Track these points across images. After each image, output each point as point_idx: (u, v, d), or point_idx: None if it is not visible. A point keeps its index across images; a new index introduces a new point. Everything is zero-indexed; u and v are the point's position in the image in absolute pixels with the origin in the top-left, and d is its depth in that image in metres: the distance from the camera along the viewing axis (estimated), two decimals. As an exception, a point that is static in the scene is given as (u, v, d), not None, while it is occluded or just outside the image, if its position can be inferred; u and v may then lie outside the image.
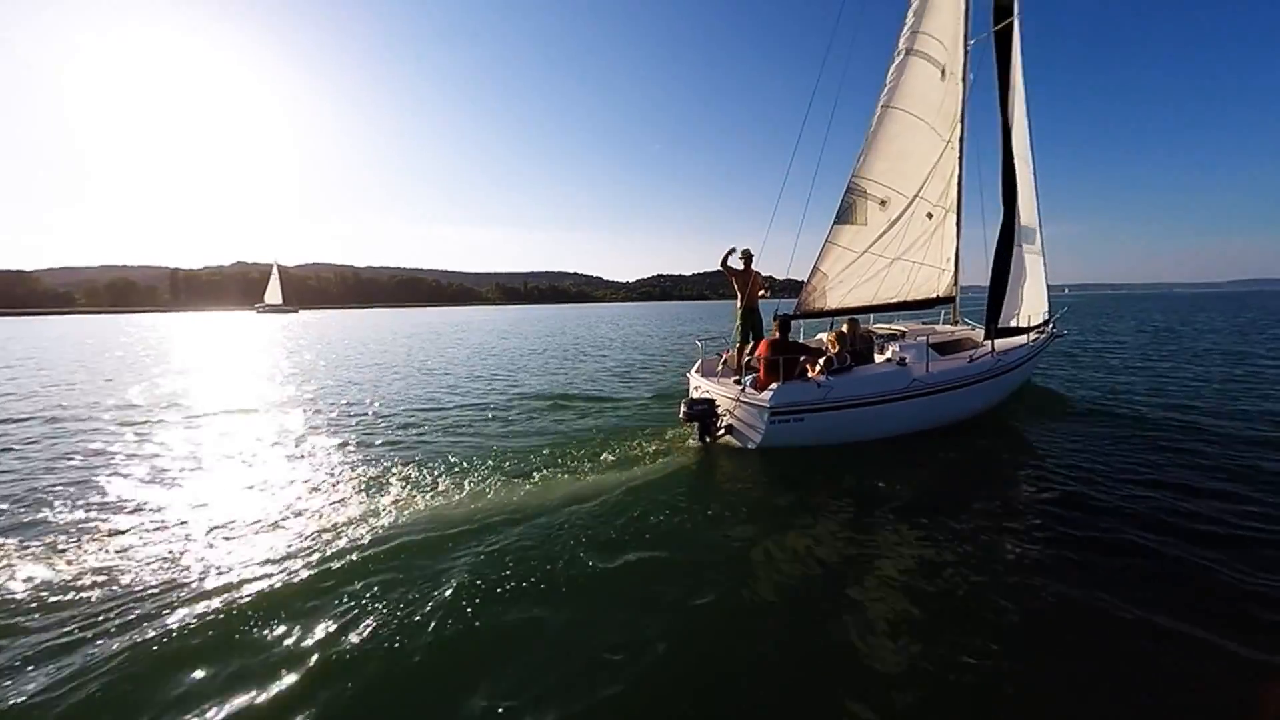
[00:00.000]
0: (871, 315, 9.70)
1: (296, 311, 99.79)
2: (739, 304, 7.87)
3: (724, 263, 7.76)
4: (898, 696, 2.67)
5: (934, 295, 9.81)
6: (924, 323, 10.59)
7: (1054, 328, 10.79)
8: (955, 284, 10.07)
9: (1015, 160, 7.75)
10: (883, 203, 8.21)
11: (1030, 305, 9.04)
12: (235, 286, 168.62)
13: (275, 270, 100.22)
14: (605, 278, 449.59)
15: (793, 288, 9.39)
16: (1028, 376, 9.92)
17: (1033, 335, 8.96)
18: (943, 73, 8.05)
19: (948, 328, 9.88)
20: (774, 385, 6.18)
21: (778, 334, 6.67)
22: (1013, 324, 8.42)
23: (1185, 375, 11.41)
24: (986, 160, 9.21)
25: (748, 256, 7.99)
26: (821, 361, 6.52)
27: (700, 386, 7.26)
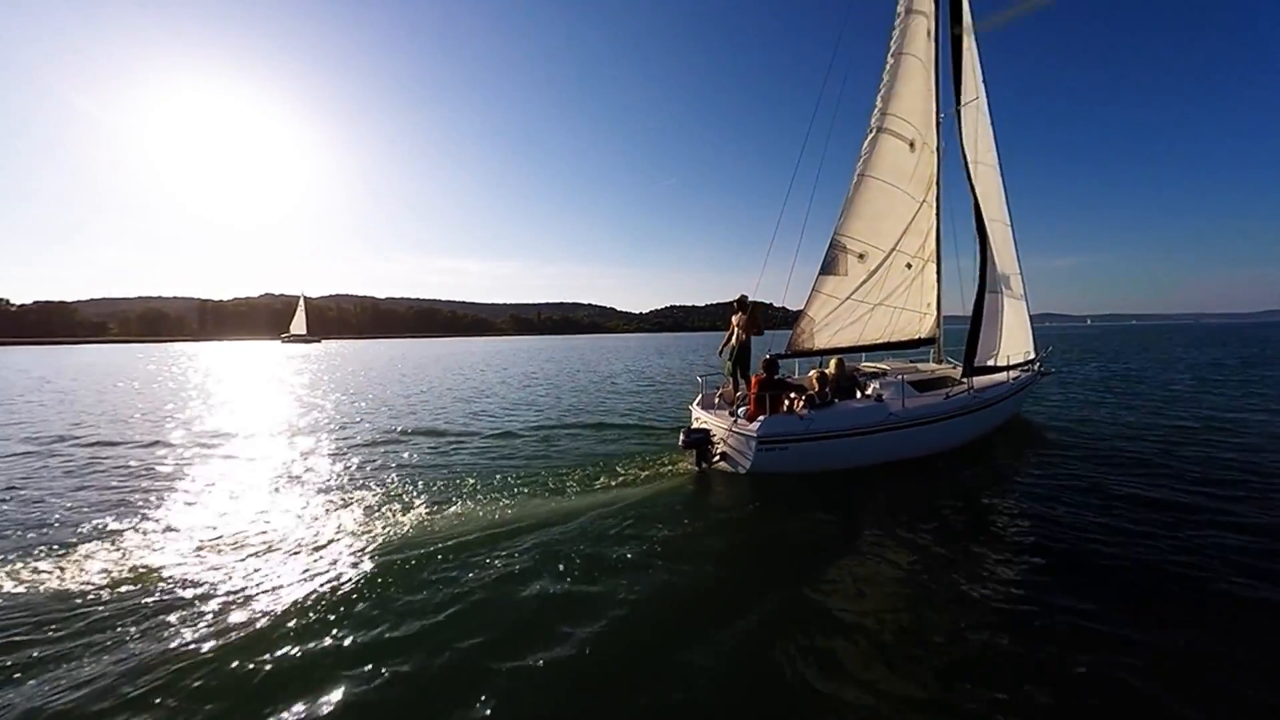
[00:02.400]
0: (863, 354, 10.67)
1: (319, 341, 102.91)
2: (733, 342, 8.87)
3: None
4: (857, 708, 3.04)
5: (917, 336, 10.78)
6: (911, 360, 11.48)
7: (1040, 366, 11.53)
8: (938, 325, 11.02)
9: (986, 220, 8.80)
10: (861, 256, 9.30)
11: (1010, 346, 9.76)
12: (262, 316, 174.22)
13: (302, 302, 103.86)
14: (618, 309, 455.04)
15: (788, 319, 10.35)
16: (1015, 410, 10.64)
17: (1013, 373, 9.73)
18: (911, 145, 9.26)
19: (931, 366, 10.76)
20: (762, 417, 7.14)
21: (764, 372, 7.65)
22: (990, 363, 9.17)
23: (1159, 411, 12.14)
24: (963, 216, 10.33)
25: (743, 301, 9.05)
26: (804, 397, 7.49)
27: (699, 418, 8.13)
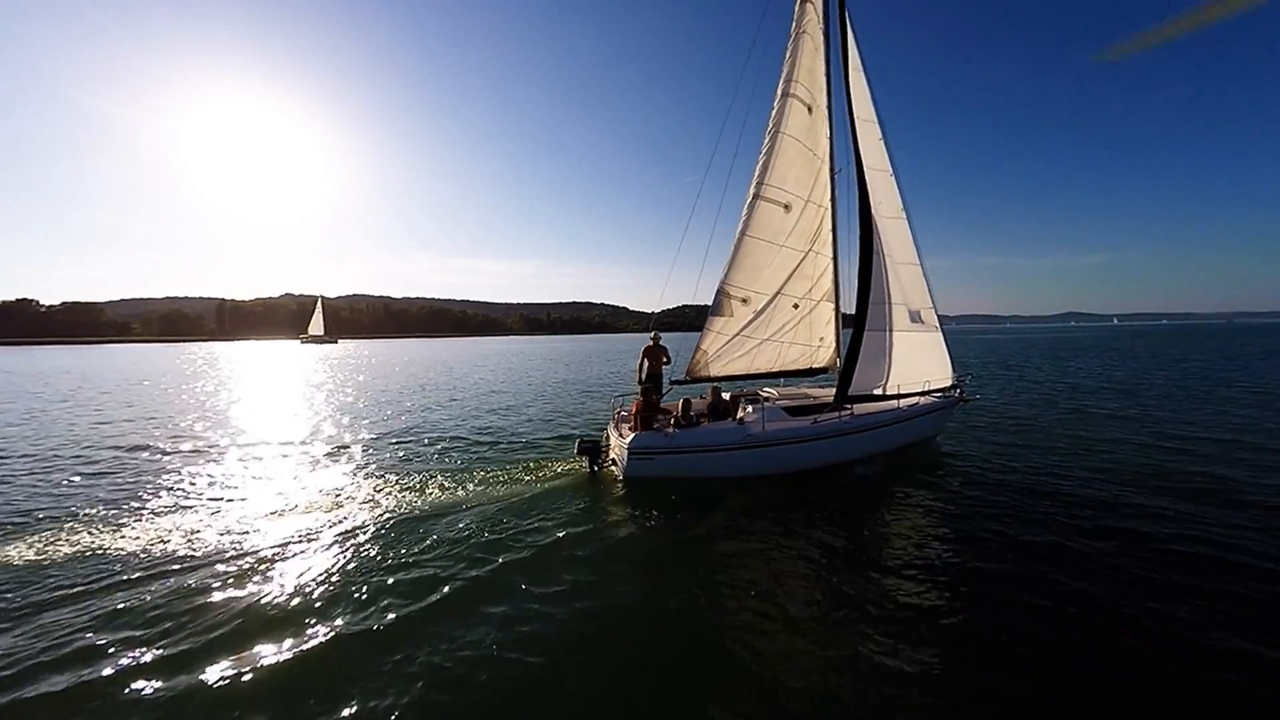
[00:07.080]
0: (780, 380, 12.28)
1: (336, 341, 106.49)
2: (642, 371, 10.88)
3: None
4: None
5: (811, 366, 12.46)
6: (820, 386, 12.76)
7: (961, 391, 12.02)
8: (837, 356, 12.59)
9: (896, 264, 10.21)
10: (744, 300, 11.21)
11: (901, 376, 10.48)
12: (279, 316, 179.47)
13: (320, 304, 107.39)
14: (630, 308, 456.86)
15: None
16: (920, 434, 11.25)
17: (910, 401, 10.53)
18: (787, 207, 11.12)
19: (821, 391, 11.91)
20: (637, 432, 9.13)
21: (643, 398, 9.61)
22: (876, 392, 10.18)
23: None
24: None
25: (656, 337, 11.07)
26: (672, 419, 9.45)
27: (609, 431, 10.07)
